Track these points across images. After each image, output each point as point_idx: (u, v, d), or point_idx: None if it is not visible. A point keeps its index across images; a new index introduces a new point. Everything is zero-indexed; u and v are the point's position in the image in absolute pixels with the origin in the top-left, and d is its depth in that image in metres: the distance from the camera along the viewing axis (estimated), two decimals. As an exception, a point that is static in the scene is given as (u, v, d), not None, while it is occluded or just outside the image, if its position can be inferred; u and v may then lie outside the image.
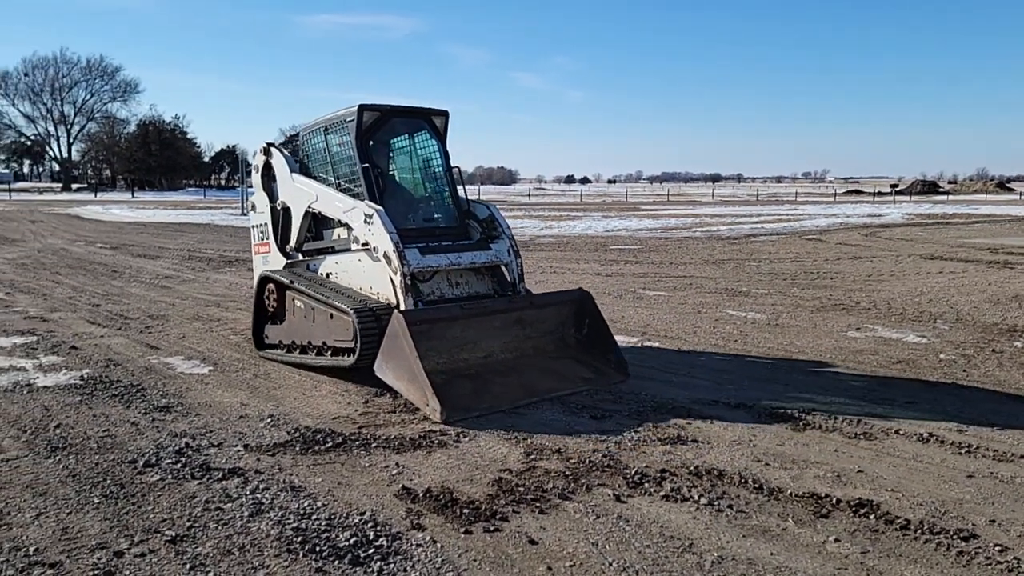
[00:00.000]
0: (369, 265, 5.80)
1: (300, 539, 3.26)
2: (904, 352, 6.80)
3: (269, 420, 4.92)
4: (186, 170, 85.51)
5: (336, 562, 3.08)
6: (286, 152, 6.90)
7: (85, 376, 5.99)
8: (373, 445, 4.46)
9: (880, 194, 72.75)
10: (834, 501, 3.65)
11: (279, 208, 6.89)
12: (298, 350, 6.28)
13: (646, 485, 3.87)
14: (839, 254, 15.57)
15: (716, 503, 3.65)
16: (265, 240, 7.07)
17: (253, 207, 7.24)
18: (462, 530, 3.37)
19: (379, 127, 6.24)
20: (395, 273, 5.49)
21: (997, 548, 3.18)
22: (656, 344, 7.26)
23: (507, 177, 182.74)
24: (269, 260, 7.00)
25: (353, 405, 5.26)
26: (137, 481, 3.91)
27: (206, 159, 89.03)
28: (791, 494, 3.75)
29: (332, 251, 6.38)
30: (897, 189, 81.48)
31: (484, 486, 3.86)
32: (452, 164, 6.50)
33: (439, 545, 3.23)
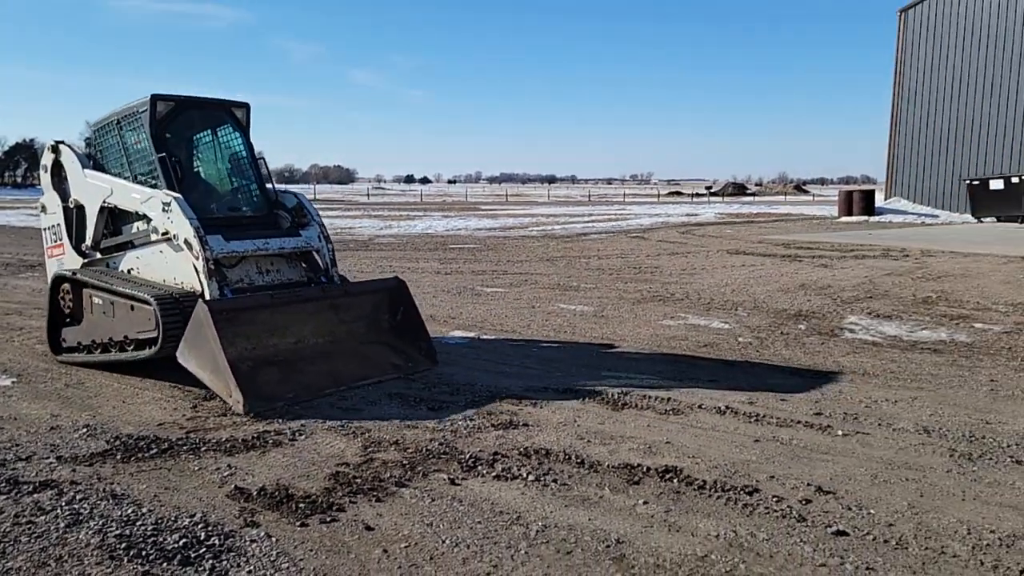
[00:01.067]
0: (172, 256, 5.65)
1: (124, 545, 3.16)
2: (710, 337, 7.55)
3: (85, 430, 4.64)
4: (-26, 165, 76.12)
5: (164, 564, 3.02)
6: (76, 149, 6.58)
7: None
8: (203, 449, 4.35)
9: (697, 195, 78.66)
10: (644, 469, 4.06)
11: (72, 207, 6.51)
12: (99, 349, 5.95)
13: (479, 468, 4.09)
14: (659, 251, 16.80)
15: (542, 479, 3.94)
16: (59, 241, 6.66)
17: (43, 209, 6.81)
18: (298, 524, 3.41)
19: (175, 118, 6.08)
20: (197, 259, 5.39)
21: (775, 499, 3.69)
22: (491, 336, 7.55)
23: (345, 176, 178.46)
24: (64, 262, 6.59)
25: (180, 411, 5.08)
26: (-70, 502, 3.58)
27: (-1, 154, 79.72)
28: (608, 466, 4.12)
29: (132, 246, 6.14)
30: (711, 191, 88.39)
31: (320, 480, 3.91)
32: (257, 155, 6.49)
33: (274, 539, 3.25)
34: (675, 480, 3.93)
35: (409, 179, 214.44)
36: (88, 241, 6.42)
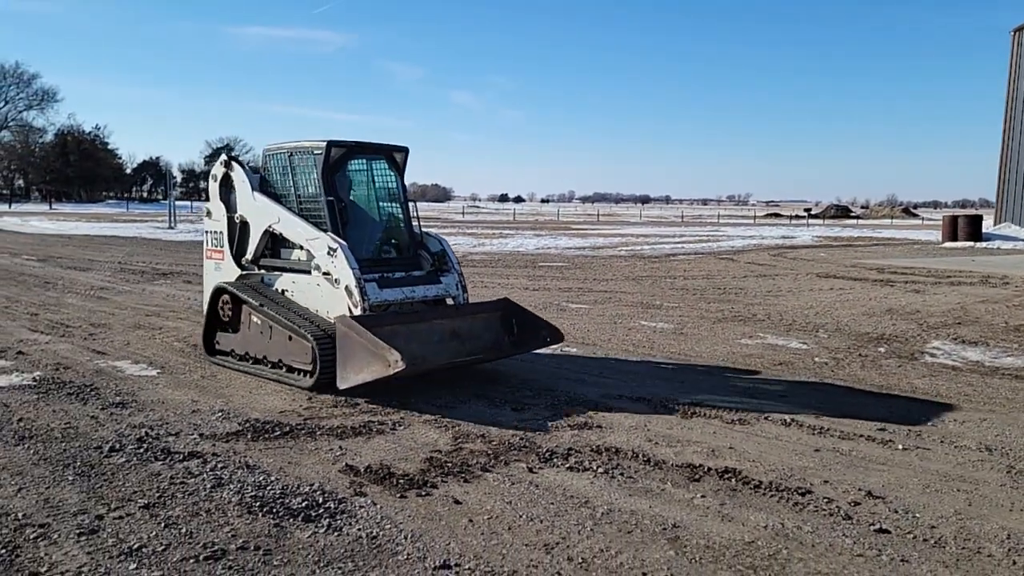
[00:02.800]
0: (328, 290, 6.24)
1: (259, 504, 3.84)
2: (786, 356, 7.78)
3: (220, 414, 5.44)
4: (107, 182, 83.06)
5: (291, 519, 3.68)
6: (247, 167, 7.25)
7: (37, 377, 6.34)
8: (318, 433, 5.04)
9: (796, 217, 76.54)
10: (706, 469, 4.45)
11: (237, 220, 7.22)
12: (251, 361, 6.67)
13: (555, 460, 4.59)
14: (746, 272, 16.83)
15: (610, 472, 4.40)
16: (219, 248, 7.38)
17: (208, 214, 7.45)
18: (398, 495, 4.00)
19: (342, 161, 6.78)
20: (355, 307, 6.00)
21: (825, 500, 4.02)
22: (574, 350, 8.04)
23: (441, 194, 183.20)
24: (222, 268, 7.27)
25: (298, 401, 5.82)
26: (105, 463, 4.39)
27: (128, 171, 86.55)
28: (672, 465, 4.53)
29: (289, 270, 6.77)
30: (811, 213, 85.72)
31: (417, 463, 4.51)
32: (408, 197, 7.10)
33: (378, 506, 3.86)
34: (733, 479, 4.30)
35: (503, 198, 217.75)
36: (248, 256, 7.07)
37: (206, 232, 7.59)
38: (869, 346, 8.29)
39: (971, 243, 26.13)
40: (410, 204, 7.11)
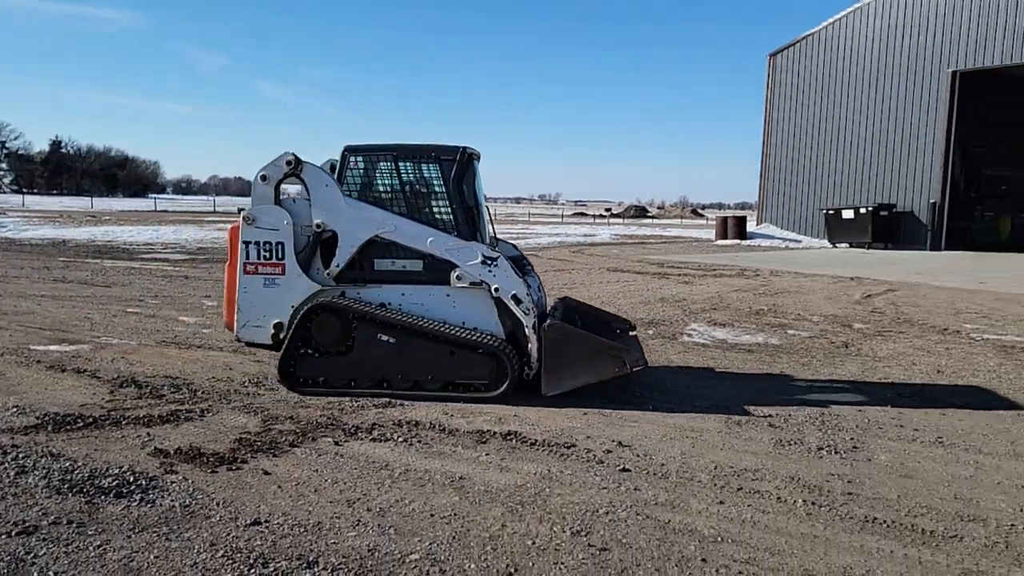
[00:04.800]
0: (463, 299, 6.13)
1: (67, 486, 4.00)
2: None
3: (15, 409, 5.34)
4: None
5: (102, 497, 3.89)
6: (326, 170, 6.41)
7: None
8: (123, 422, 5.16)
9: (600, 216, 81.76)
10: (492, 433, 5.17)
11: (319, 231, 6.22)
12: (368, 384, 6.10)
13: (359, 434, 5.10)
14: (548, 267, 18.17)
15: (409, 440, 4.99)
16: (274, 260, 6.23)
17: (250, 220, 6.21)
18: (209, 471, 4.32)
19: (469, 165, 6.37)
20: (527, 313, 6.01)
21: (585, 450, 4.87)
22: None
23: (246, 188, 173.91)
24: (281, 283, 6.21)
25: (99, 395, 5.82)
26: None
27: None
28: (464, 432, 5.21)
29: (393, 281, 6.24)
30: (613, 213, 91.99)
31: (227, 444, 4.82)
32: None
33: (190, 481, 4.16)
34: (514, 440, 5.05)
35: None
36: (335, 269, 6.23)
37: (245, 243, 6.23)
38: (641, 329, 9.55)
39: (738, 241, 29.79)
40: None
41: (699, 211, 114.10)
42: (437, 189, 6.28)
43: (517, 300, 6.04)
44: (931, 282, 15.60)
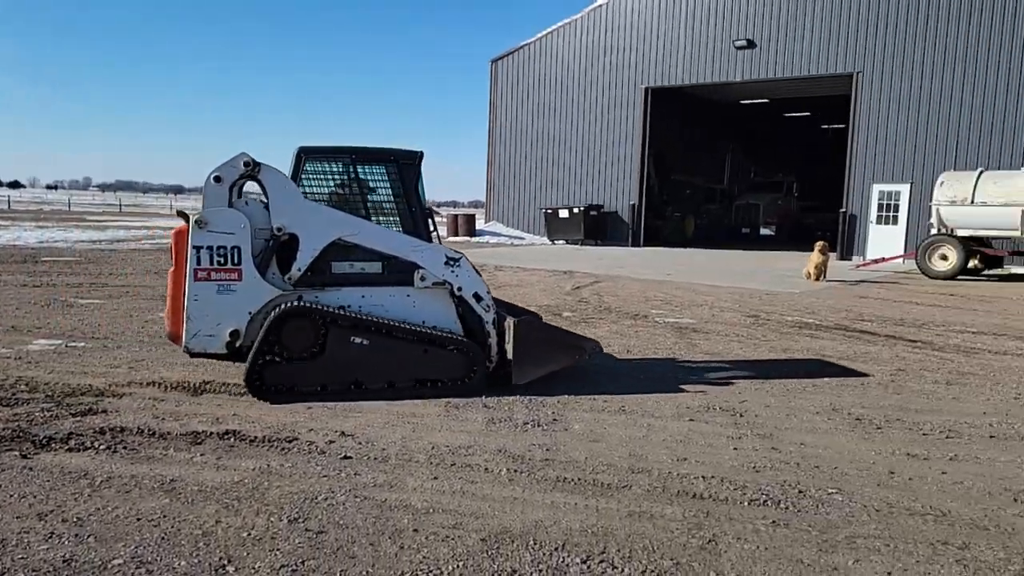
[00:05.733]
0: (422, 299, 6.29)
1: None
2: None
3: None
4: None
5: None
6: (282, 173, 6.05)
7: None
8: None
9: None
10: (208, 434, 5.01)
11: (277, 234, 5.99)
12: (337, 386, 6.06)
13: (52, 445, 4.65)
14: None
15: (113, 447, 4.66)
16: (228, 266, 5.89)
17: (201, 224, 5.79)
18: None
19: (419, 167, 6.52)
20: (487, 311, 6.38)
21: (307, 443, 4.93)
22: (81, 344, 7.73)
23: None
24: (238, 289, 5.89)
25: None
26: None
27: None
28: (176, 434, 4.99)
29: (352, 283, 6.21)
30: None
31: None
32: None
33: None
34: (232, 439, 4.96)
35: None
36: (296, 272, 6.03)
37: (196, 247, 5.78)
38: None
39: (468, 237, 31.24)
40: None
41: (434, 209, 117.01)
42: (395, 192, 6.45)
43: (478, 298, 6.37)
44: (629, 275, 17.77)
